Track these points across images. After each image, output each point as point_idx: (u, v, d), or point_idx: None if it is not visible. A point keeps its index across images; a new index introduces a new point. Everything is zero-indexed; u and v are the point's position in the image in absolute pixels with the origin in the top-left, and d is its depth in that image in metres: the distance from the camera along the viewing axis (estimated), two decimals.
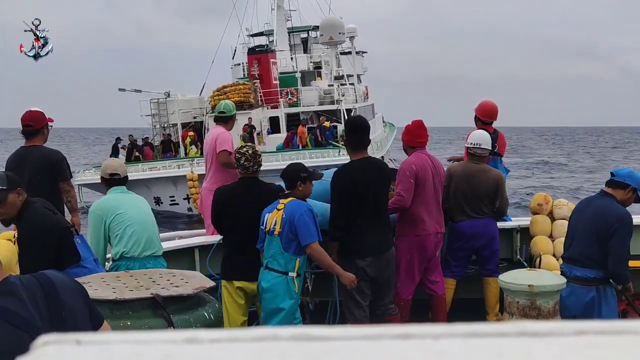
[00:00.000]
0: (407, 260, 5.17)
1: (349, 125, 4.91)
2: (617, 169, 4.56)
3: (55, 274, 2.04)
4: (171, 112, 26.94)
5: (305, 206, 4.43)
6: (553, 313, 4.20)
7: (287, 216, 4.37)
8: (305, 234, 4.35)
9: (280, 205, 4.45)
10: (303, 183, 4.51)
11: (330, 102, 27.49)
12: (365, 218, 4.63)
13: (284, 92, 27.04)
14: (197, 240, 5.68)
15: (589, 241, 4.31)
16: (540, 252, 5.68)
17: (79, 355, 0.54)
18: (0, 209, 3.72)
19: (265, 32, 35.32)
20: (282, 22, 32.71)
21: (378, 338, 0.55)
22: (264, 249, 4.50)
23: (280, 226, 4.36)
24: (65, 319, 1.92)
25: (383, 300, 4.86)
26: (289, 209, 4.38)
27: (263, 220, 4.51)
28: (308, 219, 4.36)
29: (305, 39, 35.63)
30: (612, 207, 4.30)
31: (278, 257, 4.42)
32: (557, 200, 6.16)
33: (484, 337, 0.54)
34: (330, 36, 29.66)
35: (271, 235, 4.43)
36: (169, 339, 0.56)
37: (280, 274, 4.41)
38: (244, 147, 4.74)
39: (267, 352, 0.53)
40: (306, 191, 4.54)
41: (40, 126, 5.07)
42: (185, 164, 21.55)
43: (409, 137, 5.28)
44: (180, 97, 27.84)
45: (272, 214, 4.45)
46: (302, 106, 27.39)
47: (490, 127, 6.27)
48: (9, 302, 1.83)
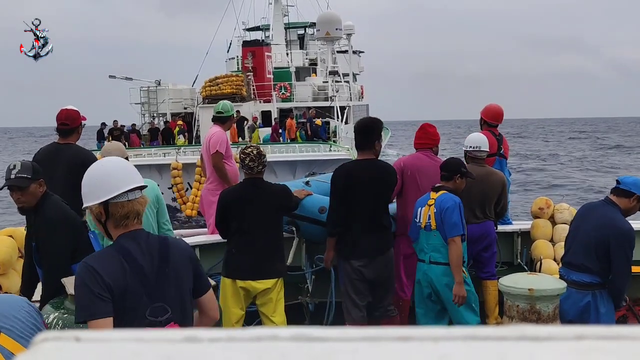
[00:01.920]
0: (404, 260, 5.19)
1: (357, 126, 4.93)
2: (623, 177, 4.50)
3: (175, 238, 2.65)
4: (161, 100, 26.48)
5: (453, 200, 4.58)
6: (553, 317, 4.19)
7: (437, 210, 4.54)
8: (450, 227, 4.50)
9: (431, 200, 4.61)
10: (460, 178, 4.71)
11: (324, 99, 27.24)
12: (361, 219, 4.66)
13: (278, 86, 26.76)
14: (198, 239, 5.68)
15: (587, 249, 4.28)
16: (541, 256, 5.68)
17: (78, 352, 0.54)
18: (22, 196, 3.79)
19: (262, 26, 35.01)
20: (279, 16, 32.35)
21: (378, 340, 0.55)
22: (420, 243, 4.66)
23: (435, 220, 4.55)
24: (167, 275, 2.45)
25: (382, 302, 4.86)
26: (439, 202, 4.56)
27: (416, 214, 4.68)
28: (454, 213, 4.51)
29: (302, 36, 35.31)
30: (615, 218, 4.24)
31: (442, 249, 4.56)
32: (559, 205, 6.15)
33: (484, 341, 0.54)
34: (327, 31, 29.26)
35: (428, 231, 4.59)
36: (168, 338, 0.56)
37: (447, 266, 4.56)
38: (248, 147, 4.70)
39: (267, 352, 0.53)
40: (460, 186, 4.73)
41: (76, 125, 5.10)
42: (172, 152, 20.74)
43: (415, 140, 5.42)
44: (172, 87, 27.42)
45: (425, 209, 4.62)
46: (295, 101, 27.14)
47: (495, 130, 6.33)
48: (132, 246, 2.42)
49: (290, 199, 4.80)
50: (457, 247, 4.50)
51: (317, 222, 5.18)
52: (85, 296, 2.36)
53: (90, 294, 2.35)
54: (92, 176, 2.50)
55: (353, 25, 31.87)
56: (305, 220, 5.29)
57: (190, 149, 21.65)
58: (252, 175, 4.65)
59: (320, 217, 5.10)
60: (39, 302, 4.09)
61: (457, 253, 4.51)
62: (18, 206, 3.89)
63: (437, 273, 4.58)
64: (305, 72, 30.92)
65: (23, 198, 3.78)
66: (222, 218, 4.69)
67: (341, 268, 4.83)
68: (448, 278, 4.54)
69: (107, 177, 2.48)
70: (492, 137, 5.99)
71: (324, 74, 30.44)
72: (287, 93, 27.09)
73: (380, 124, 4.90)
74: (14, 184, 3.75)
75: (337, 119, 25.89)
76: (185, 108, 26.95)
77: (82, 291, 2.37)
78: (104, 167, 2.53)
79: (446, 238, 4.51)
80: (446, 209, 4.50)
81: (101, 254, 2.53)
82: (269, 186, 4.69)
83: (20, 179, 3.74)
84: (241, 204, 4.59)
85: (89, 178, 2.50)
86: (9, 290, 4.68)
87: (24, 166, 3.81)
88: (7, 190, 3.82)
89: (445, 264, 4.55)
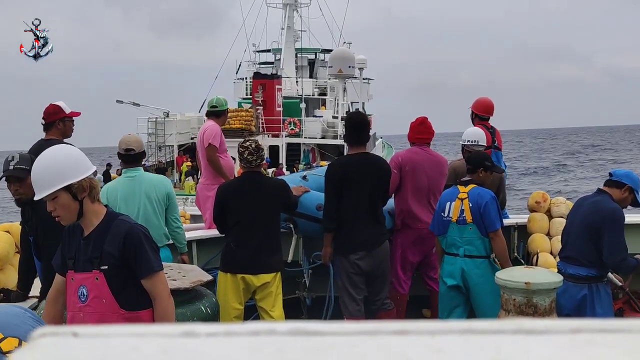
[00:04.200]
0: (401, 254, 5.21)
1: (348, 122, 4.95)
2: (615, 170, 4.61)
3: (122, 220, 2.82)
4: (169, 133, 25.69)
5: (489, 194, 4.60)
6: (549, 311, 4.20)
7: (474, 204, 4.53)
8: (491, 222, 4.51)
9: (463, 194, 4.59)
10: (484, 171, 4.71)
11: (332, 137, 26.49)
12: (356, 212, 4.67)
13: (287, 121, 26.19)
14: (195, 234, 5.68)
15: (582, 238, 4.33)
16: (538, 249, 5.69)
17: (75, 347, 0.54)
18: (20, 188, 3.82)
19: (272, 50, 34.42)
20: (291, 43, 31.99)
21: (375, 334, 0.55)
22: (450, 237, 4.63)
23: (470, 214, 4.53)
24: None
25: (379, 295, 4.88)
26: (474, 196, 4.56)
27: (444, 209, 4.65)
28: (492, 208, 4.53)
29: (313, 61, 34.69)
30: (603, 202, 4.32)
31: (476, 242, 4.57)
32: (555, 198, 6.17)
33: (480, 334, 0.54)
34: (340, 69, 28.61)
35: (462, 224, 4.57)
36: (166, 333, 0.56)
37: (484, 258, 4.58)
38: (247, 140, 4.70)
39: (264, 346, 0.53)
40: (485, 179, 4.74)
41: (52, 120, 5.05)
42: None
43: (410, 134, 5.39)
44: (180, 117, 26.72)
45: (456, 203, 4.59)
46: (304, 137, 26.42)
47: (487, 123, 6.34)
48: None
49: (288, 194, 4.80)
50: (500, 240, 4.57)
51: (314, 220, 5.19)
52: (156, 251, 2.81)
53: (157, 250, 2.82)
54: (70, 155, 2.69)
55: (365, 60, 31.02)
56: (303, 218, 5.30)
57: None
58: (251, 169, 4.64)
59: (318, 214, 5.11)
60: (37, 297, 4.09)
61: (502, 245, 4.59)
62: (15, 197, 3.91)
63: (471, 266, 4.59)
64: (314, 103, 30.32)
65: (21, 189, 3.81)
66: (220, 212, 4.69)
67: (337, 262, 4.84)
68: (482, 271, 4.55)
69: (81, 155, 2.70)
70: (485, 130, 6.01)
71: (333, 104, 29.55)
72: (297, 129, 26.44)
73: (369, 120, 4.98)
74: (12, 175, 3.79)
75: None
76: (192, 138, 25.77)
77: (154, 246, 2.81)
78: (71, 148, 2.77)
79: (483, 231, 4.54)
80: (485, 203, 4.51)
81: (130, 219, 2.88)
82: (267, 180, 4.69)
83: (18, 169, 3.78)
84: (240, 198, 4.59)
85: (67, 157, 2.67)
86: (6, 285, 4.67)
87: (22, 158, 3.85)
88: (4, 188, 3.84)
89: (481, 257, 4.58)
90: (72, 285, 2.78)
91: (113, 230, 2.72)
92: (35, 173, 2.65)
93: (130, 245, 2.71)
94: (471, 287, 4.63)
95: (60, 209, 2.66)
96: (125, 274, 2.74)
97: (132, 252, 2.71)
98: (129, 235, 2.71)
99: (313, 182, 5.58)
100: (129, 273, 2.75)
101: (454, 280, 4.66)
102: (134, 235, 2.72)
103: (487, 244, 4.58)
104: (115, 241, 2.70)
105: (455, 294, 4.71)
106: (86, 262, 2.73)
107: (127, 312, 2.75)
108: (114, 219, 2.77)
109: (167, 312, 2.81)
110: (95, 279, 2.72)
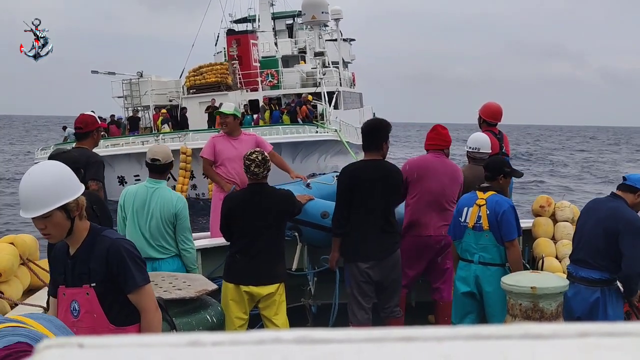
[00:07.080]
0: (404, 260, 5.18)
1: (363, 127, 4.91)
2: (629, 174, 4.59)
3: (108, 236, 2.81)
4: (144, 92, 25.48)
5: (507, 202, 4.58)
6: (556, 315, 4.18)
7: (491, 212, 4.51)
8: (508, 231, 4.49)
9: (481, 200, 4.56)
10: (504, 177, 4.69)
11: (312, 85, 26.20)
12: (367, 219, 4.64)
13: (264, 73, 25.82)
14: (200, 243, 5.67)
15: (596, 243, 4.31)
16: (543, 254, 5.67)
17: (81, 359, 0.54)
18: None
19: (249, 17, 33.64)
20: (266, 5, 31.18)
21: (381, 341, 0.55)
22: (465, 243, 4.62)
23: (487, 221, 4.51)
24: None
25: (389, 303, 4.86)
26: (492, 204, 4.53)
27: (461, 214, 4.63)
28: (510, 216, 4.51)
29: (291, 25, 33.99)
30: (622, 209, 4.31)
31: (492, 250, 4.55)
32: (560, 203, 6.15)
33: (487, 340, 0.54)
34: (313, 15, 27.91)
35: (479, 231, 4.55)
36: (171, 343, 0.56)
37: (498, 266, 4.56)
38: (253, 152, 4.57)
39: (270, 355, 0.53)
40: (505, 185, 4.73)
41: (89, 130, 5.06)
42: (150, 140, 19.77)
43: (426, 141, 5.36)
44: (155, 79, 26.51)
45: (474, 209, 4.57)
46: (283, 89, 26.11)
47: (494, 129, 6.29)
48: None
49: (294, 205, 4.76)
50: (516, 250, 4.55)
51: (319, 227, 5.18)
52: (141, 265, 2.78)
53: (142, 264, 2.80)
54: (64, 173, 2.62)
55: (340, 10, 30.52)
56: (308, 226, 5.29)
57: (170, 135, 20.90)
58: (257, 181, 4.59)
59: (323, 222, 5.09)
60: (44, 307, 4.09)
61: (517, 255, 4.56)
62: None
63: (486, 273, 4.57)
64: (293, 60, 29.70)
65: None
66: (226, 223, 4.67)
67: (347, 270, 4.82)
68: (496, 279, 4.49)
69: (72, 173, 2.66)
70: (492, 137, 5.97)
71: (313, 62, 29.18)
72: (274, 80, 26.03)
73: (387, 125, 4.86)
74: None
75: (325, 103, 24.96)
76: (170, 100, 25.97)
77: (138, 260, 2.77)
78: (63, 165, 2.69)
79: (498, 239, 4.51)
80: (503, 212, 4.49)
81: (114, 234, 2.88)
82: (273, 191, 4.65)
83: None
84: (245, 210, 4.56)
85: (62, 175, 2.60)
86: (10, 297, 4.68)
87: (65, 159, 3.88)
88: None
89: (495, 265, 4.56)
90: (64, 301, 2.79)
91: (97, 246, 2.72)
92: (30, 190, 2.53)
93: (113, 262, 2.71)
94: (484, 295, 4.61)
95: (52, 227, 2.60)
96: (114, 289, 2.75)
97: (116, 269, 2.72)
98: (111, 252, 2.71)
99: (316, 191, 5.58)
100: (117, 288, 2.76)
101: (467, 286, 4.64)
102: (116, 251, 2.72)
103: (503, 252, 4.56)
104: (99, 258, 2.71)
105: (468, 300, 4.69)
106: (75, 279, 2.75)
107: (116, 328, 2.76)
108: (97, 234, 2.76)
109: (151, 325, 2.81)
110: (86, 294, 2.73)
